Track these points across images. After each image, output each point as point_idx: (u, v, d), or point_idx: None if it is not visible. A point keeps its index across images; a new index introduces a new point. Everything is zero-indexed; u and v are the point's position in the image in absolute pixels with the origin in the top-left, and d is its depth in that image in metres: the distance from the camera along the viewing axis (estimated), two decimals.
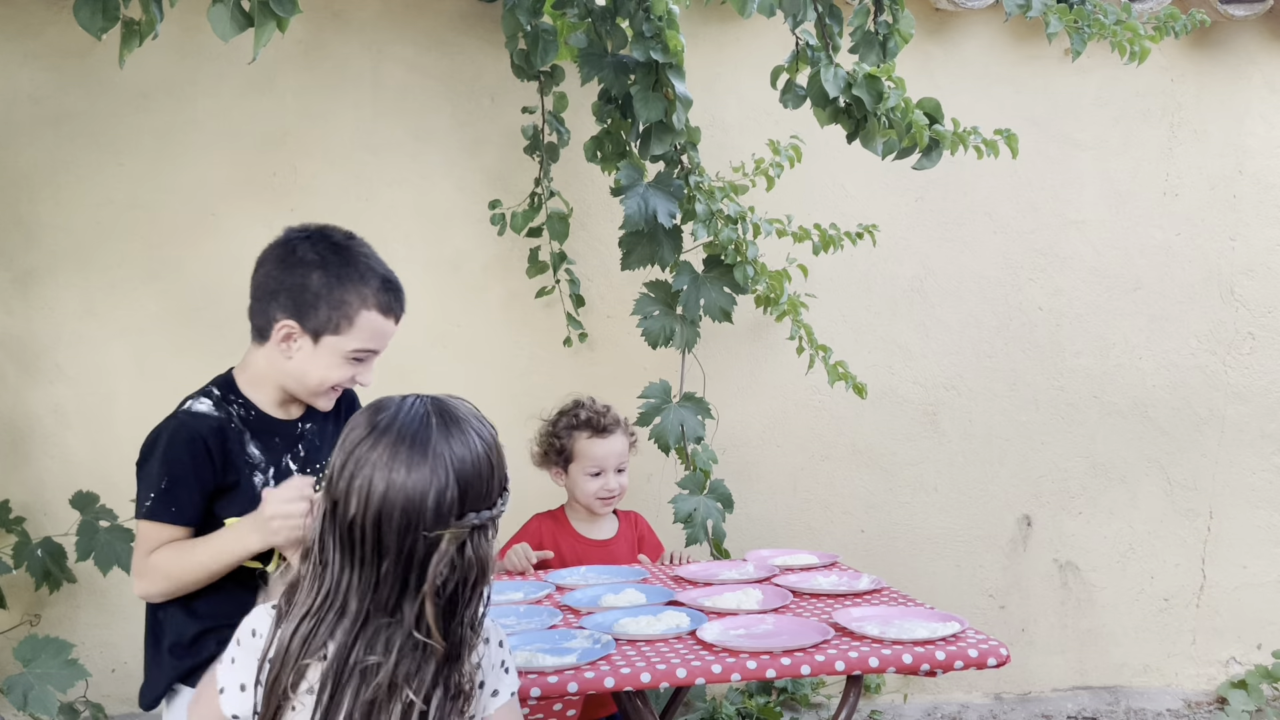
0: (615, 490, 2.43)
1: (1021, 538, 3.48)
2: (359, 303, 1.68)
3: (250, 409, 1.75)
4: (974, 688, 3.52)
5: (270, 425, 1.76)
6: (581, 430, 2.44)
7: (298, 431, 1.81)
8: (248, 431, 1.73)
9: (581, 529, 2.47)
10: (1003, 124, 3.03)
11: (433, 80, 3.16)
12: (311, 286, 1.67)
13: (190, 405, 1.72)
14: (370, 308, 1.69)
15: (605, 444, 2.42)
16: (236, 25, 1.96)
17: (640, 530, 2.57)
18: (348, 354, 1.70)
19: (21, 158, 3.01)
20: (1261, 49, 3.51)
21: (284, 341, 1.69)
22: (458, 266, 3.18)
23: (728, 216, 2.85)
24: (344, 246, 1.72)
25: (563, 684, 1.57)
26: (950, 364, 3.44)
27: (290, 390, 1.76)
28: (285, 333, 1.69)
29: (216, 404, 1.72)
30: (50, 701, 2.66)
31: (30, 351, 3.04)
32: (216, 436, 1.68)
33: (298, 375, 1.72)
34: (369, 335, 1.70)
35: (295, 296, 1.68)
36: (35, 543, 2.89)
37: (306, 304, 1.67)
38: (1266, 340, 3.58)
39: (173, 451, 1.66)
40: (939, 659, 1.68)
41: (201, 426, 1.68)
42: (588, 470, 2.42)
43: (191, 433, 1.67)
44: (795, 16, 2.58)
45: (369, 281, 1.70)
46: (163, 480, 1.65)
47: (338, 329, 1.68)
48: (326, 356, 1.69)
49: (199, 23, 2.77)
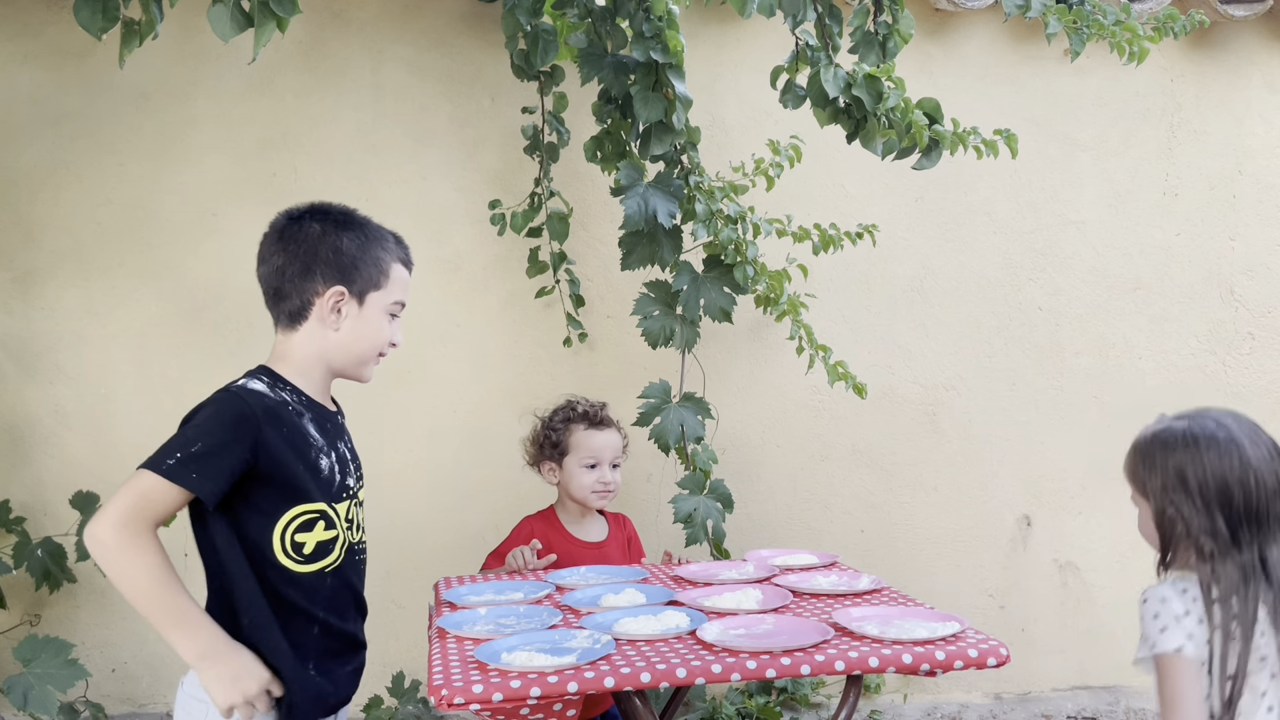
0: (611, 484, 2.42)
1: (1021, 538, 3.48)
2: (388, 256, 1.76)
3: (300, 394, 1.73)
4: (974, 688, 3.52)
5: (322, 412, 1.76)
6: (578, 423, 2.45)
7: (340, 421, 1.82)
8: (306, 414, 1.71)
9: (573, 530, 2.46)
10: (1002, 124, 3.04)
11: (432, 80, 3.16)
12: (346, 250, 1.71)
13: (245, 383, 1.67)
14: (396, 260, 1.78)
15: (602, 435, 2.43)
16: (236, 25, 1.97)
17: (629, 532, 2.57)
18: (389, 308, 1.76)
19: (21, 158, 3.01)
20: (1261, 49, 3.51)
21: (333, 312, 1.71)
22: (458, 266, 3.19)
23: (728, 216, 2.85)
24: (347, 213, 1.78)
25: (563, 684, 1.57)
26: (950, 364, 3.44)
27: (337, 366, 1.76)
28: (334, 302, 1.71)
29: (270, 387, 1.69)
30: (50, 701, 2.66)
31: (30, 351, 3.04)
32: (271, 416, 1.64)
33: (347, 344, 1.73)
34: (401, 287, 1.78)
35: (334, 264, 1.71)
36: (35, 543, 2.90)
37: (347, 267, 1.71)
38: (1266, 340, 3.58)
39: (217, 420, 1.60)
40: (939, 659, 1.67)
41: (256, 404, 1.63)
42: (584, 462, 2.41)
43: (244, 407, 1.62)
44: (795, 17, 2.58)
45: (386, 237, 1.79)
46: (195, 444, 1.57)
47: (378, 284, 1.74)
48: (374, 315, 1.74)
49: (199, 23, 2.78)
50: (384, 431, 3.13)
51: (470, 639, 1.80)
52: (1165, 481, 1.60)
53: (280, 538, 1.66)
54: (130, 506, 1.54)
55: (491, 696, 1.54)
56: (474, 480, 3.19)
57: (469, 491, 3.19)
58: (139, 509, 1.55)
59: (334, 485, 1.72)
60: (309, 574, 1.69)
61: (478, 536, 2.58)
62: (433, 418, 3.18)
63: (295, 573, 1.67)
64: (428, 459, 3.18)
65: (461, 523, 3.15)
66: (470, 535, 3.07)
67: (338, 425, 1.80)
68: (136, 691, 3.11)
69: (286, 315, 1.74)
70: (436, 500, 3.19)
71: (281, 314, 1.75)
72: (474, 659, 1.67)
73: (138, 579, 1.54)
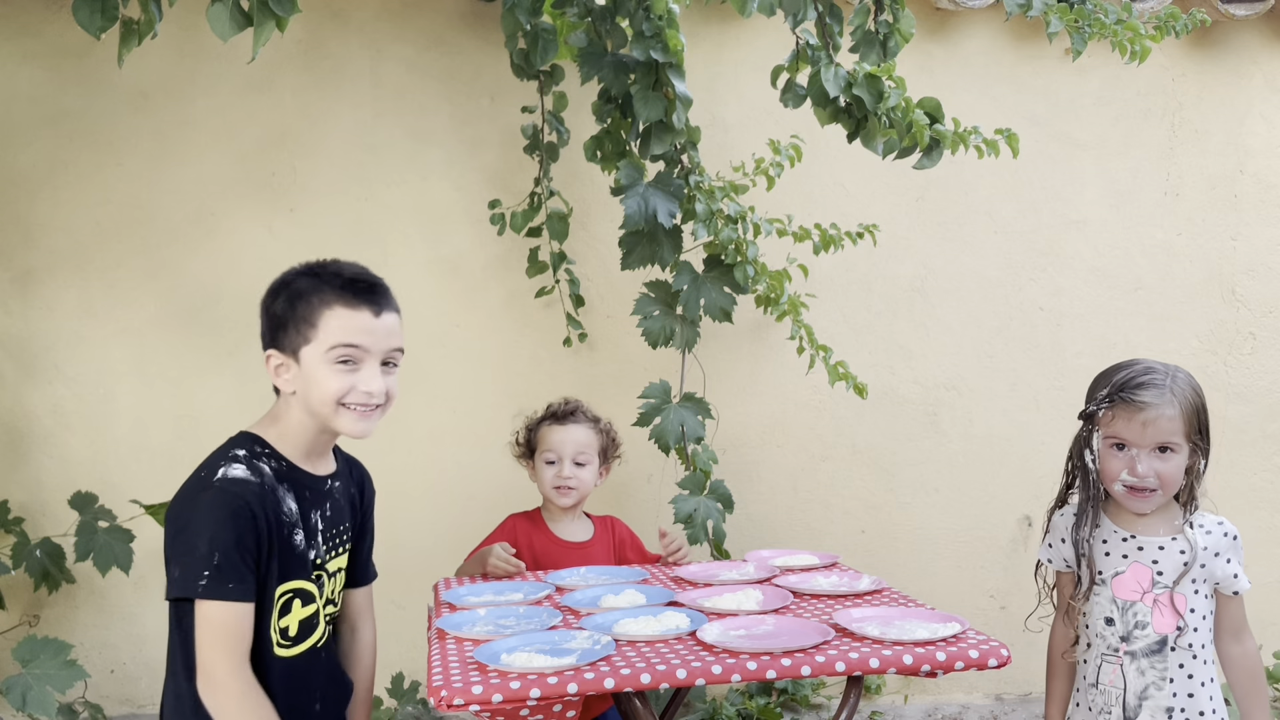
0: (569, 479, 2.41)
1: (1022, 538, 3.48)
2: (319, 304, 1.67)
3: (281, 460, 1.71)
4: (975, 688, 3.51)
5: (301, 478, 1.73)
6: (545, 421, 2.49)
7: (326, 487, 1.79)
8: (281, 485, 1.68)
9: (556, 530, 2.46)
10: (1003, 123, 3.03)
11: (432, 80, 3.15)
12: (276, 312, 1.70)
13: (225, 472, 1.62)
14: (331, 305, 1.67)
15: (561, 430, 2.44)
16: (235, 25, 1.96)
17: (619, 535, 2.55)
18: (325, 358, 1.66)
19: (20, 158, 3.01)
20: (1263, 48, 3.50)
21: (278, 376, 1.71)
22: (457, 266, 3.18)
23: (728, 216, 2.84)
24: (316, 268, 1.72)
25: (562, 685, 1.56)
26: (951, 364, 3.44)
27: (322, 420, 1.71)
28: (274, 365, 1.70)
29: (248, 466, 1.64)
30: (49, 702, 2.65)
31: (29, 351, 3.03)
32: (259, 503, 1.61)
33: (307, 402, 1.69)
34: (339, 331, 1.66)
35: (269, 328, 1.72)
36: (34, 543, 2.89)
37: (275, 329, 1.70)
38: (1267, 340, 3.57)
39: (218, 524, 1.57)
40: (940, 660, 1.67)
41: (246, 493, 1.60)
42: (545, 458, 2.44)
43: (237, 502, 1.59)
44: (795, 16, 2.58)
45: (329, 283, 1.69)
46: (214, 556, 1.56)
47: (307, 338, 1.67)
48: (313, 369, 1.67)
49: (198, 22, 2.78)
50: (383, 432, 3.10)
51: (470, 640, 1.80)
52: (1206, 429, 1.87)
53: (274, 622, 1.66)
54: (225, 647, 1.57)
55: (491, 697, 1.54)
56: (474, 480, 3.19)
57: (469, 492, 3.18)
58: (232, 641, 1.58)
59: (307, 560, 1.71)
60: (299, 656, 1.70)
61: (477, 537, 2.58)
62: (432, 418, 3.17)
63: (286, 658, 1.67)
64: (427, 459, 3.18)
65: (461, 523, 3.14)
66: (470, 536, 3.06)
67: (319, 492, 1.77)
68: (135, 692, 3.11)
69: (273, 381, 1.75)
70: (436, 500, 3.18)
71: None
72: (474, 660, 1.66)
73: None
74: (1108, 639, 1.90)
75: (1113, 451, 1.88)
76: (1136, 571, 1.89)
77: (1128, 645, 1.88)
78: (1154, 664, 1.86)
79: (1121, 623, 1.89)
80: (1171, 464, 1.84)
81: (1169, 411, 1.81)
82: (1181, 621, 1.85)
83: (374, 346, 1.69)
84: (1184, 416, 1.82)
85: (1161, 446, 1.83)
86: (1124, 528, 1.93)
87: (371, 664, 1.94)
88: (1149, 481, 1.84)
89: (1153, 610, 1.86)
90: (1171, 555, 1.88)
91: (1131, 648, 1.88)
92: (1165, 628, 1.86)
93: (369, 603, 1.96)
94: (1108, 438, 1.88)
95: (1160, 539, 1.89)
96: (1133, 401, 1.83)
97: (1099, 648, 1.92)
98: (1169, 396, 1.82)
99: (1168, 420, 1.81)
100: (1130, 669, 1.88)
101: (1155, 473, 1.83)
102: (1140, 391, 1.83)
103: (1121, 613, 1.89)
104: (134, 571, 2.90)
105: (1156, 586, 1.87)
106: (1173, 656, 1.85)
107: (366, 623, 1.95)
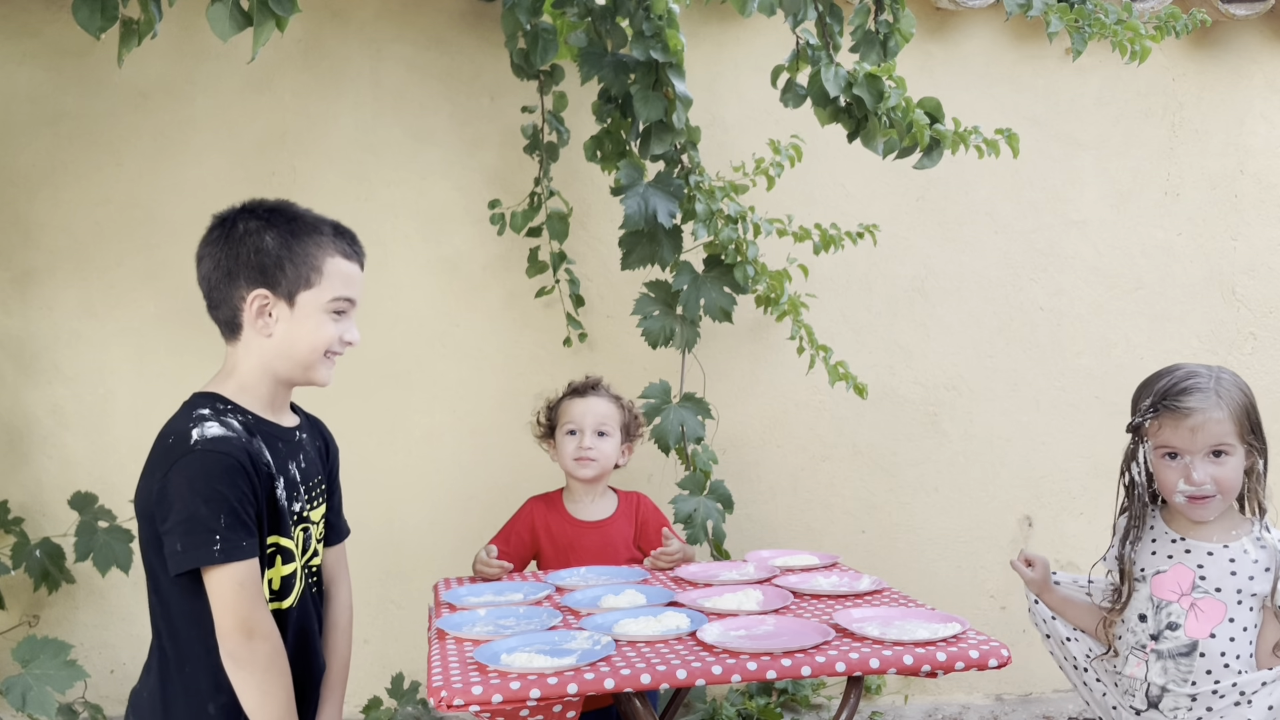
0: (589, 450, 2.40)
1: (1023, 538, 3.47)
2: (320, 251, 1.62)
3: (246, 414, 1.61)
4: (975, 689, 3.51)
5: (272, 430, 1.65)
6: (567, 396, 2.51)
7: (296, 439, 1.71)
8: (254, 439, 1.59)
9: (575, 510, 2.46)
10: (1003, 123, 3.03)
11: (432, 79, 3.15)
12: (269, 249, 1.60)
13: (200, 433, 1.53)
14: (333, 254, 1.64)
15: (583, 402, 2.45)
16: (235, 25, 1.96)
17: (643, 513, 2.52)
18: (326, 306, 1.63)
19: (20, 158, 3.01)
20: (1263, 48, 3.50)
21: (259, 317, 1.61)
22: (457, 266, 3.18)
23: (728, 216, 2.84)
24: (276, 208, 1.65)
25: (562, 685, 1.56)
26: (951, 364, 3.43)
27: (283, 374, 1.65)
28: (258, 305, 1.60)
29: (220, 424, 1.55)
30: (49, 702, 2.65)
31: (29, 351, 3.03)
32: (247, 458, 1.54)
33: (284, 350, 1.62)
34: (341, 282, 1.64)
35: (256, 265, 1.60)
36: (34, 543, 2.89)
37: (269, 267, 1.60)
38: (1268, 340, 3.57)
39: (212, 487, 1.50)
40: (940, 660, 1.67)
41: (233, 450, 1.53)
42: (566, 429, 2.44)
43: (227, 461, 1.52)
44: (795, 16, 2.57)
45: (321, 230, 1.65)
46: (220, 519, 1.49)
47: (309, 282, 1.61)
48: (308, 316, 1.62)
49: (198, 22, 2.78)
50: (383, 431, 3.12)
51: (470, 640, 1.80)
52: (1260, 428, 1.83)
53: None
54: (257, 602, 1.53)
55: (491, 698, 1.54)
56: (473, 480, 3.18)
57: (468, 492, 3.18)
58: (259, 595, 1.54)
59: (289, 513, 1.65)
60: (282, 611, 1.64)
61: (477, 537, 2.57)
62: (432, 418, 3.17)
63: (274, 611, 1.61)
64: (427, 459, 3.18)
65: (461, 523, 3.15)
66: (470, 536, 3.06)
67: (291, 443, 1.69)
68: None
69: (224, 325, 1.65)
70: (435, 500, 3.18)
71: (220, 324, 1.66)
72: (473, 660, 1.66)
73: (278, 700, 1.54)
74: (1138, 634, 1.88)
75: (1165, 461, 1.83)
76: (1178, 573, 1.84)
77: (1156, 644, 1.84)
78: (1179, 665, 1.82)
79: (1154, 621, 1.86)
80: (1227, 467, 1.79)
81: (1217, 414, 1.77)
82: (1216, 629, 1.80)
83: (359, 298, 1.69)
84: (1233, 418, 1.78)
85: (1215, 450, 1.79)
86: (1175, 530, 1.88)
87: (348, 626, 1.85)
88: (1206, 489, 1.79)
89: (1188, 614, 1.82)
90: (1219, 562, 1.82)
91: (1160, 647, 1.84)
92: (1198, 633, 1.81)
93: (344, 562, 1.88)
94: (1158, 448, 1.84)
95: (1211, 545, 1.84)
96: (1178, 408, 1.78)
97: (1129, 640, 1.90)
98: (1215, 399, 1.78)
99: (1216, 423, 1.77)
100: (1155, 666, 1.84)
101: (1212, 478, 1.78)
102: (1184, 397, 1.78)
103: (1155, 610, 1.86)
104: (134, 572, 2.90)
105: (1196, 590, 1.82)
106: (1200, 663, 1.81)
107: (342, 583, 1.86)
